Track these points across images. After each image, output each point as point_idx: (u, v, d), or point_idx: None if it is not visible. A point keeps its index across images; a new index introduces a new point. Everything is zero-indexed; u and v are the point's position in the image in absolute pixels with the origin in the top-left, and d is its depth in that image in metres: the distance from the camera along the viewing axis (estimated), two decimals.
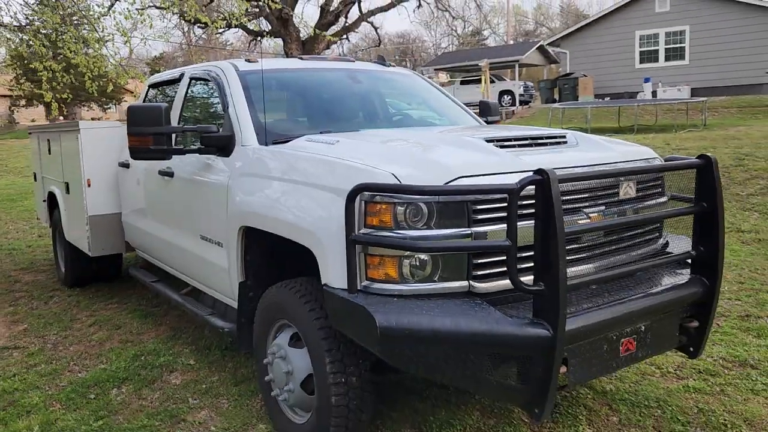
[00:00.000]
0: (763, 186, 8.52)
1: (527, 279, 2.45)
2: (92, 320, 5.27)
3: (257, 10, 28.67)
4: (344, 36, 31.57)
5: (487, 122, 4.73)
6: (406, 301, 2.50)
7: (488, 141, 2.94)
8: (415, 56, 71.54)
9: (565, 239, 2.35)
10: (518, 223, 2.35)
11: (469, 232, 2.51)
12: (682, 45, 24.40)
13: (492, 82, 29.49)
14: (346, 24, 30.99)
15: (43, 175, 6.97)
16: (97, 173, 5.37)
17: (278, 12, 26.49)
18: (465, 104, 4.79)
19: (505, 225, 2.41)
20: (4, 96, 37.95)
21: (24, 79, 35.59)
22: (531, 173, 2.38)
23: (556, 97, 26.54)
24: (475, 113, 4.68)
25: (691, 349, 3.13)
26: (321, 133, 3.58)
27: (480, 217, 2.53)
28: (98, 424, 3.45)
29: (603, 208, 2.82)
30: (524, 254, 2.50)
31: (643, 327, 2.81)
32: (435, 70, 33.13)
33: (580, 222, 2.67)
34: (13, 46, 12.98)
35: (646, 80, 23.48)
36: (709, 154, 3.00)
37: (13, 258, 7.96)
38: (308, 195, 2.87)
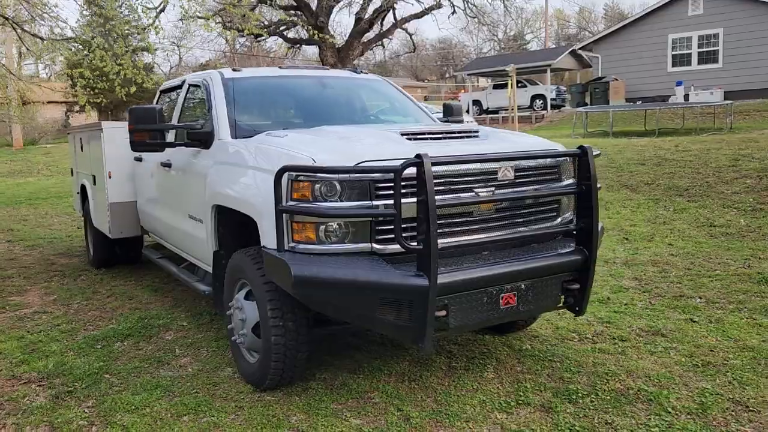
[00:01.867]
0: (748, 185, 8.88)
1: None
2: (110, 293, 6.14)
3: (295, 18, 29.72)
4: (379, 43, 32.36)
5: (446, 123, 5.38)
6: (320, 257, 3.21)
7: (402, 134, 3.62)
8: (455, 61, 71.95)
9: (436, 210, 3.02)
10: (410, 199, 3.05)
11: (370, 204, 3.19)
12: (716, 48, 24.34)
13: (524, 86, 29.90)
14: (381, 31, 31.81)
15: (77, 170, 7.92)
16: (116, 166, 6.23)
17: (314, 20, 27.46)
18: (496, 107, 5.40)
19: (411, 199, 3.11)
20: (61, 102, 40.14)
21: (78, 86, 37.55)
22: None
23: (588, 101, 26.78)
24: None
25: (577, 308, 3.73)
26: (284, 129, 4.32)
27: (380, 193, 3.21)
28: (99, 365, 4.25)
29: (493, 188, 3.47)
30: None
31: (523, 285, 3.44)
32: (468, 75, 33.65)
33: (463, 198, 3.31)
34: (71, 56, 13.95)
35: (678, 84, 23.50)
36: (585, 145, 3.61)
37: (53, 245, 8.96)
38: (253, 176, 3.60)
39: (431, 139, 3.70)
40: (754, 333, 4.40)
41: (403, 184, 3.12)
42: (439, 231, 3.25)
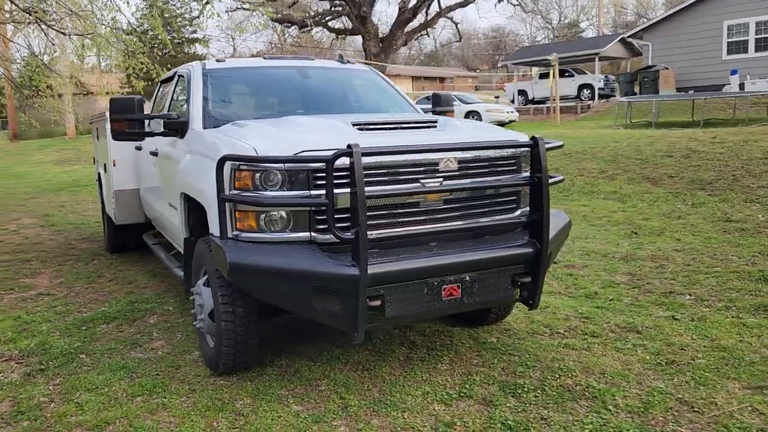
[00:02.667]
0: None
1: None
2: (113, 277, 6.37)
3: (339, 9, 29.85)
4: (423, 32, 32.19)
5: (435, 112, 5.35)
6: (259, 245, 3.26)
7: (354, 125, 3.63)
8: (507, 51, 70.84)
9: (365, 200, 3.04)
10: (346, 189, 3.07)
11: (308, 194, 3.22)
12: None
13: (571, 75, 29.22)
14: (426, 20, 31.63)
15: (96, 159, 8.23)
16: (120, 155, 6.44)
17: (357, 11, 27.53)
18: (542, 97, 5.38)
19: (345, 189, 3.13)
20: (117, 92, 41.57)
21: (136, 78, 38.74)
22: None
23: (637, 90, 26.00)
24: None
25: (530, 302, 3.68)
26: (257, 119, 4.38)
27: (319, 183, 3.24)
28: (77, 345, 4.43)
29: (441, 179, 3.45)
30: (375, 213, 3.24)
31: (468, 277, 3.41)
32: (513, 64, 33.11)
33: (401, 189, 3.29)
34: (129, 48, 14.43)
35: (733, 72, 22.58)
36: (537, 136, 3.54)
37: (79, 230, 9.34)
38: (206, 165, 3.68)
39: (383, 129, 3.70)
40: (734, 333, 4.24)
41: (341, 174, 3.15)
42: (379, 222, 3.28)
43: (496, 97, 28.07)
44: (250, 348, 3.70)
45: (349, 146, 3.05)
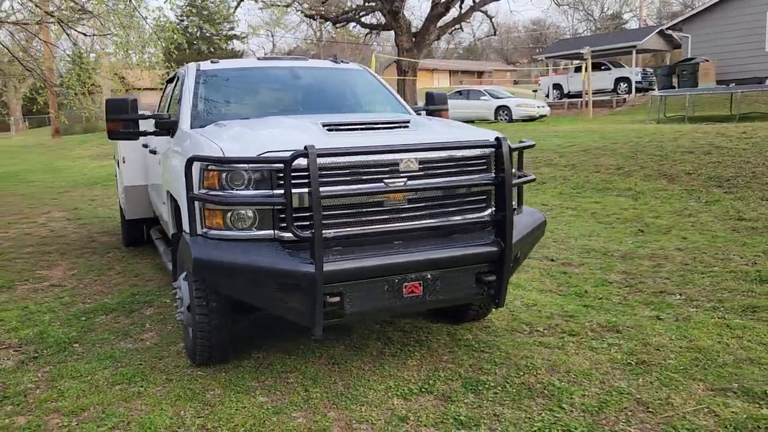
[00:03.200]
0: None
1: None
2: (122, 269, 6.62)
3: (372, 4, 29.92)
4: (457, 26, 31.98)
5: (428, 111, 5.41)
6: (225, 242, 3.39)
7: (324, 125, 3.72)
8: (548, 44, 69.85)
9: (320, 200, 3.13)
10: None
11: (271, 193, 3.33)
12: None
13: (608, 69, 28.70)
14: (461, 13, 31.42)
15: (114, 155, 8.52)
16: (130, 152, 6.68)
17: (389, 6, 27.55)
18: (578, 91, 5.37)
19: (304, 189, 3.23)
20: (159, 89, 42.55)
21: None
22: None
23: (675, 83, 25.38)
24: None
25: (496, 300, 3.72)
26: (243, 118, 4.51)
27: (282, 182, 3.34)
28: (73, 335, 4.64)
29: (405, 179, 3.51)
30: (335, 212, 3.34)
31: (429, 275, 3.47)
32: (547, 58, 32.65)
33: (359, 189, 3.37)
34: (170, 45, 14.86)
35: None
36: (499, 136, 3.57)
37: (102, 224, 9.68)
38: (180, 164, 3.82)
39: (353, 130, 3.78)
40: (714, 334, 4.19)
41: (303, 174, 3.25)
42: (340, 220, 3.37)
43: (534, 91, 27.73)
44: (224, 341, 3.84)
45: (306, 147, 3.14)
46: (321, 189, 3.23)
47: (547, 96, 30.47)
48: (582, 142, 12.18)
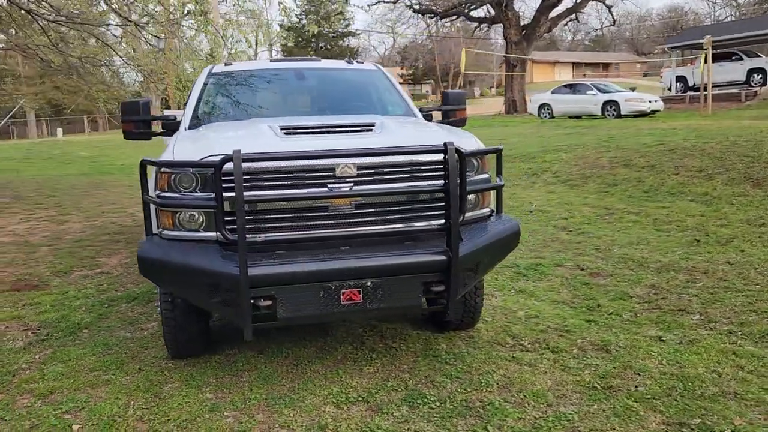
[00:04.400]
0: None
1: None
2: None
3: None
4: (571, 17, 30.72)
5: (443, 112, 5.28)
6: (173, 242, 3.51)
7: (282, 129, 3.74)
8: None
9: (243, 204, 3.16)
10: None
11: (209, 196, 3.39)
12: None
13: (740, 59, 26.36)
14: (576, 3, 30.18)
15: None
16: None
17: None
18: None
19: (260, 192, 3.30)
20: None
21: None
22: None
23: None
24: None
25: (448, 312, 3.57)
26: (237, 120, 4.63)
27: (228, 185, 3.40)
28: (87, 321, 4.99)
29: (351, 184, 3.46)
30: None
31: (370, 283, 3.40)
32: (670, 48, 30.47)
33: (292, 194, 3.35)
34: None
35: None
36: (448, 142, 3.41)
37: None
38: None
39: (311, 133, 3.77)
40: (713, 361, 3.79)
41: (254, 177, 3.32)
42: (274, 224, 3.40)
43: (632, 89, 26.07)
44: (192, 336, 3.98)
45: (234, 152, 3.18)
46: (253, 193, 3.28)
47: (669, 89, 28.53)
48: (673, 140, 11.31)
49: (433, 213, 3.64)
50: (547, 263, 6.11)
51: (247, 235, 3.29)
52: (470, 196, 3.74)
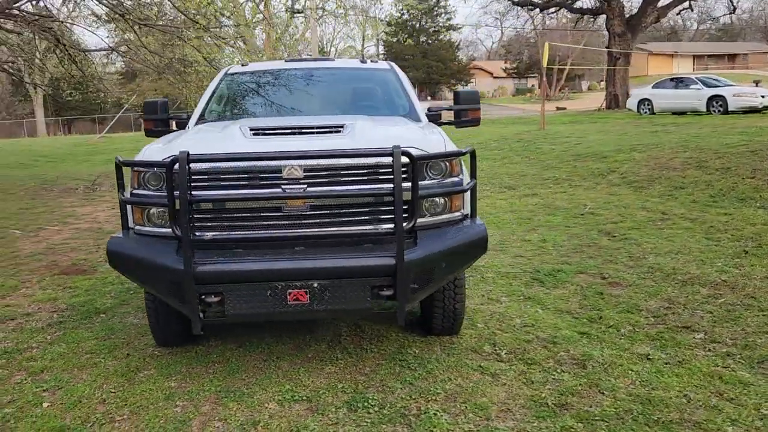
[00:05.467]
0: None
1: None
2: None
3: None
4: (684, 6, 28.80)
5: (455, 112, 5.19)
6: (141, 237, 3.70)
7: (251, 130, 3.85)
8: None
9: (187, 203, 3.30)
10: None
11: (175, 194, 3.55)
12: None
13: None
14: None
15: None
16: None
17: None
18: None
19: (206, 192, 3.45)
20: None
21: None
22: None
23: None
24: None
25: (396, 316, 3.54)
26: (232, 120, 4.80)
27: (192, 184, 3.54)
28: (108, 307, 5.35)
29: (305, 186, 3.50)
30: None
31: (316, 284, 3.44)
32: None
33: (243, 194, 3.43)
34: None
35: None
36: (398, 146, 3.34)
37: None
38: None
39: (279, 134, 3.85)
40: (692, 385, 3.52)
41: (202, 178, 3.45)
42: (224, 223, 3.51)
43: (755, 82, 24.06)
44: (173, 325, 4.17)
45: (180, 153, 3.31)
46: (200, 193, 3.41)
47: None
48: (762, 140, 10.42)
49: (385, 217, 3.60)
50: (570, 270, 5.85)
51: (197, 233, 3.43)
52: (437, 200, 3.69)
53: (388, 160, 3.46)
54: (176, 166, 3.35)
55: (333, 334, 4.48)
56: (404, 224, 3.47)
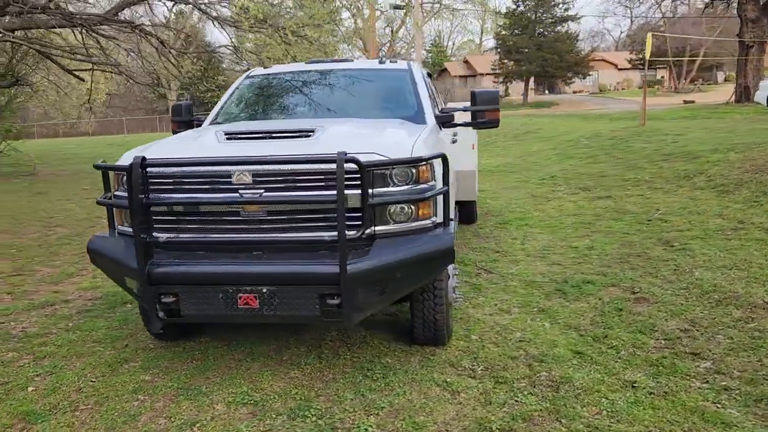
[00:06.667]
0: None
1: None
2: None
3: None
4: None
5: (472, 113, 4.98)
6: (119, 237, 3.88)
7: (227, 133, 3.90)
8: None
9: (140, 206, 3.41)
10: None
11: (141, 197, 3.69)
12: None
13: None
14: None
15: None
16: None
17: None
18: None
19: (163, 195, 3.58)
20: (490, 74, 44.17)
21: (506, 60, 40.72)
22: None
23: None
24: None
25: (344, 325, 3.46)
26: (241, 121, 4.91)
27: (152, 187, 3.67)
28: (120, 301, 5.66)
29: (262, 191, 3.50)
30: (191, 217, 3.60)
31: (265, 290, 3.43)
32: None
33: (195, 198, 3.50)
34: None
35: None
36: (338, 153, 3.25)
37: None
38: None
39: (251, 139, 3.87)
40: (665, 420, 3.18)
41: (161, 181, 3.57)
42: (182, 226, 3.61)
43: None
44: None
45: (136, 158, 3.43)
46: (159, 196, 3.52)
47: None
48: None
49: (354, 223, 3.52)
50: (601, 281, 5.45)
51: (154, 234, 3.54)
52: (403, 207, 3.57)
53: (349, 166, 3.38)
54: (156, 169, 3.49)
55: (318, 337, 4.46)
56: (354, 232, 3.39)
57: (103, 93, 18.43)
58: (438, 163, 3.71)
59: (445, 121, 5.05)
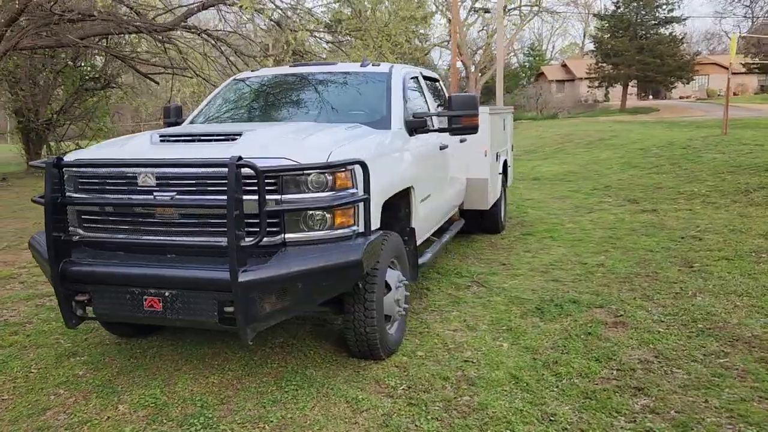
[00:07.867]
0: None
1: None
2: None
3: None
4: None
5: (449, 118, 4.79)
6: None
7: (162, 136, 3.93)
8: None
9: (50, 206, 3.48)
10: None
11: (84, 197, 3.76)
12: None
13: None
14: None
15: None
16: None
17: None
18: None
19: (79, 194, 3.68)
20: (585, 78, 42.50)
21: (603, 63, 39.03)
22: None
23: None
24: None
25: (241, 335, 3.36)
26: (216, 122, 4.96)
27: (88, 188, 3.73)
28: None
29: (174, 193, 3.49)
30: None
31: (167, 293, 3.41)
32: None
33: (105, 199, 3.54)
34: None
35: None
36: (233, 157, 3.17)
37: None
38: None
39: (183, 141, 3.88)
40: None
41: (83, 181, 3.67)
42: (96, 225, 3.69)
43: None
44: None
45: (58, 158, 3.53)
46: (75, 195, 3.61)
47: None
48: None
49: (273, 229, 3.43)
50: (588, 302, 5.05)
51: (69, 231, 3.63)
52: (315, 214, 3.45)
53: (246, 171, 3.30)
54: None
55: (262, 342, 4.39)
56: (252, 239, 3.30)
57: (185, 93, 19.19)
58: (359, 171, 3.56)
59: (416, 127, 4.85)
